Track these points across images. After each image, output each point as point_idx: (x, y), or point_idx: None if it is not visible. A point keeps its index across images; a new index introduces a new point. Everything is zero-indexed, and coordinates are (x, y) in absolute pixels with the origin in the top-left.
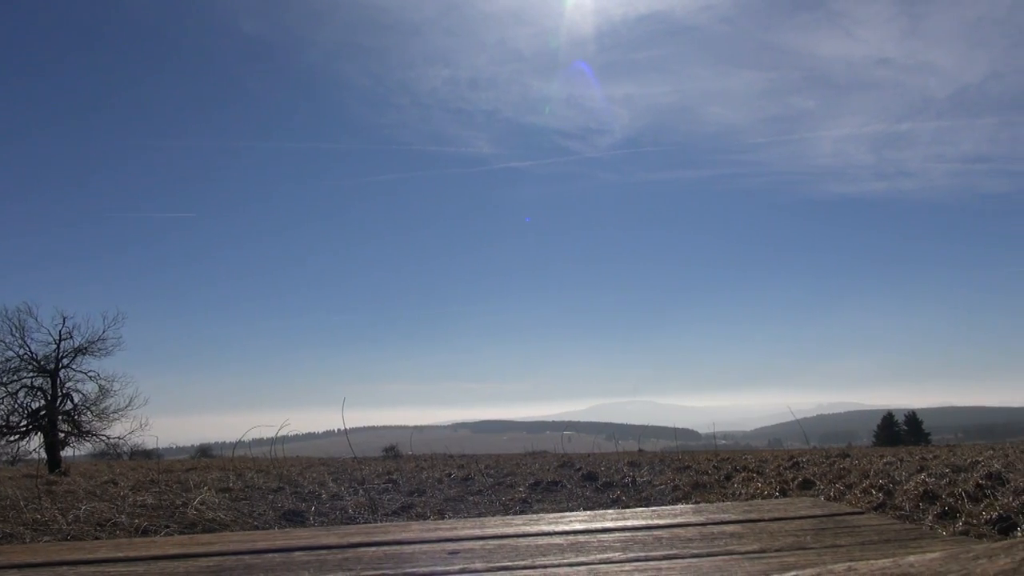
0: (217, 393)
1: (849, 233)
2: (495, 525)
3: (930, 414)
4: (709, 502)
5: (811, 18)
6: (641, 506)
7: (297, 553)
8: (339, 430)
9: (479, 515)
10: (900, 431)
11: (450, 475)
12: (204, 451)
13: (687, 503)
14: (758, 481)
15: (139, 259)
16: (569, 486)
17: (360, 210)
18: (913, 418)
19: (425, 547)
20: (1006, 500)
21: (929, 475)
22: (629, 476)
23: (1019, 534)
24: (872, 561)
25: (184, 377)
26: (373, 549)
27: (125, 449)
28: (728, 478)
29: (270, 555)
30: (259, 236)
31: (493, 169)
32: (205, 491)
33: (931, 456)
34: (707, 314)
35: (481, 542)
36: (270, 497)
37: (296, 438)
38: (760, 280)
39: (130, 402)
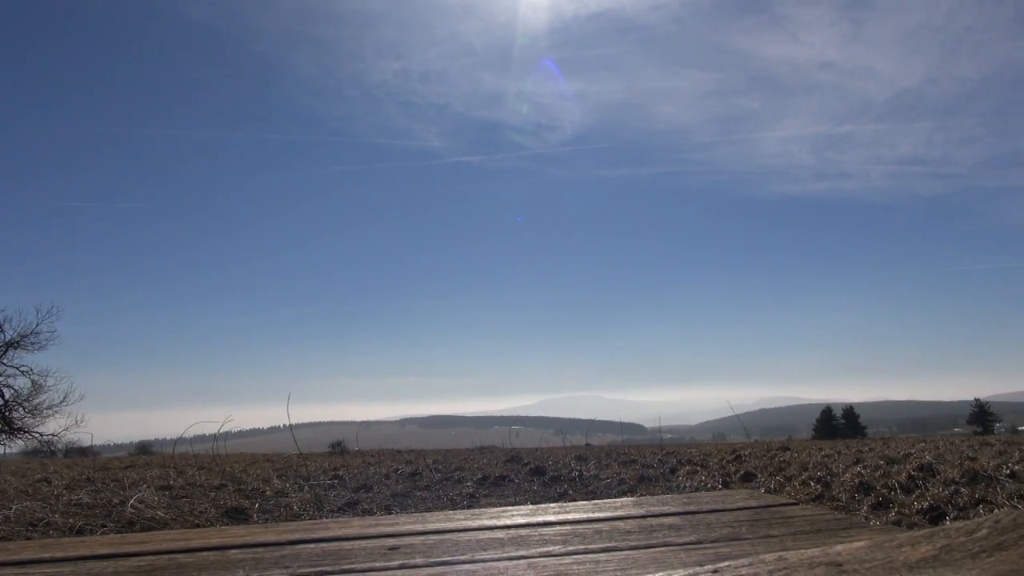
0: (157, 389)
1: (791, 232)
2: (437, 520)
3: (866, 408)
4: (654, 495)
5: (757, 21)
6: (588, 499)
7: (233, 551)
8: (284, 426)
9: (427, 510)
10: (838, 424)
11: (398, 470)
12: (143, 448)
13: (633, 496)
14: (702, 474)
15: (77, 250)
16: (517, 480)
17: (308, 203)
18: (850, 412)
19: (365, 543)
20: (936, 491)
21: (864, 467)
22: (576, 470)
23: (948, 523)
24: (802, 550)
25: (122, 372)
26: (312, 546)
27: (59, 446)
28: (673, 471)
29: (204, 553)
30: (203, 228)
31: (444, 163)
32: (144, 489)
33: (867, 449)
34: (654, 311)
35: (422, 537)
36: (212, 494)
37: (240, 434)
38: (705, 278)
39: (65, 398)
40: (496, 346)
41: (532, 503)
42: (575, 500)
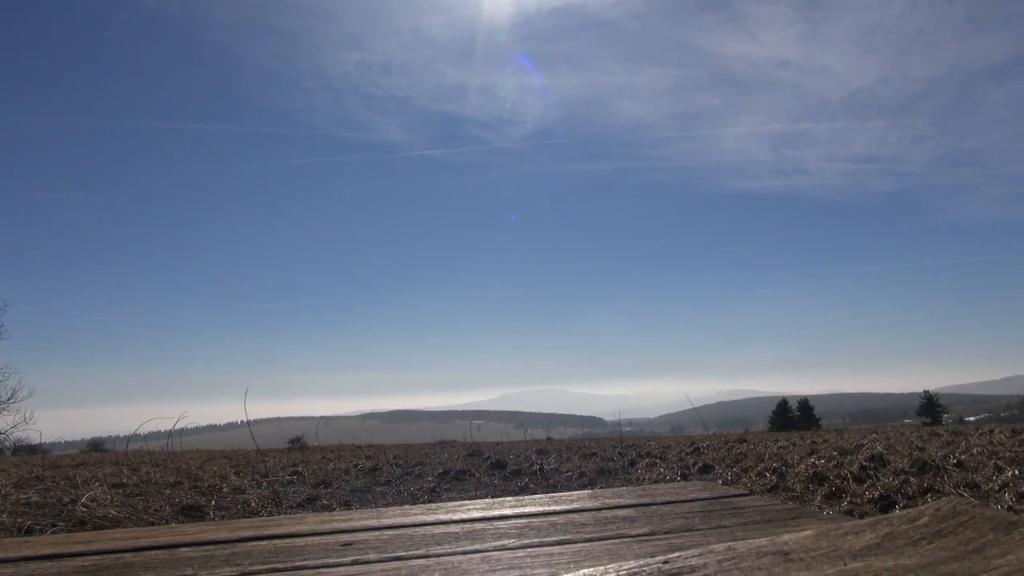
0: (110, 384)
1: (749, 228)
2: (393, 515)
3: (821, 400)
4: (613, 487)
5: (717, 19)
6: (549, 493)
7: (183, 550)
8: (242, 422)
9: (387, 506)
10: (793, 416)
11: (358, 466)
12: (95, 445)
13: (593, 489)
14: (661, 466)
15: (27, 243)
16: (478, 475)
17: (266, 196)
18: (805, 404)
19: (318, 539)
20: (887, 480)
21: (818, 458)
22: (537, 464)
23: (897, 512)
24: (751, 540)
25: (74, 368)
26: (264, 543)
27: (7, 444)
28: (632, 464)
29: (153, 552)
30: (158, 220)
31: (405, 156)
32: (96, 487)
33: (821, 440)
34: (614, 305)
35: (377, 532)
36: (167, 492)
37: (196, 431)
38: (664, 273)
39: (12, 394)
40: (457, 340)
41: (493, 497)
42: (536, 494)
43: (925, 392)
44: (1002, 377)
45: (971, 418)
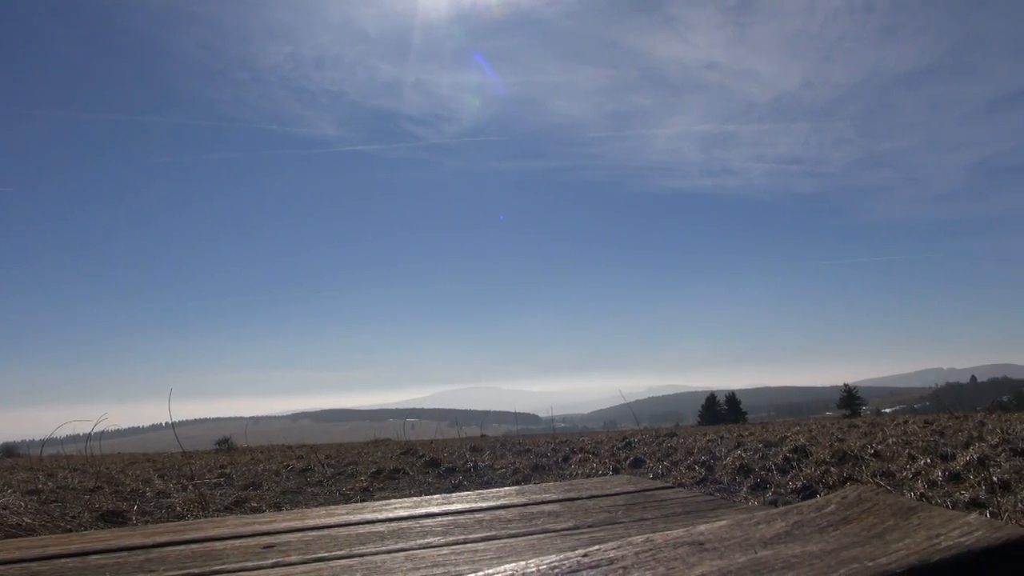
0: (23, 386)
1: (680, 227)
2: (317, 516)
3: (748, 395)
4: (547, 483)
5: (648, 20)
6: (483, 490)
7: (94, 557)
8: (166, 423)
9: (319, 506)
10: (721, 411)
11: (288, 466)
12: (8, 450)
13: (527, 485)
14: (594, 461)
15: None
16: (412, 473)
17: (191, 189)
18: (733, 399)
19: (239, 542)
20: (809, 471)
21: (745, 450)
22: (471, 461)
23: (807, 500)
24: (668, 531)
25: None
26: (181, 548)
27: None
28: (566, 460)
29: (62, 561)
30: (76, 214)
31: (338, 152)
32: (9, 494)
33: (747, 433)
34: (548, 303)
35: (300, 534)
36: (86, 498)
37: (117, 433)
38: (598, 270)
39: None
40: (391, 338)
41: (426, 495)
42: (470, 491)
43: (845, 385)
44: (916, 371)
45: (887, 410)
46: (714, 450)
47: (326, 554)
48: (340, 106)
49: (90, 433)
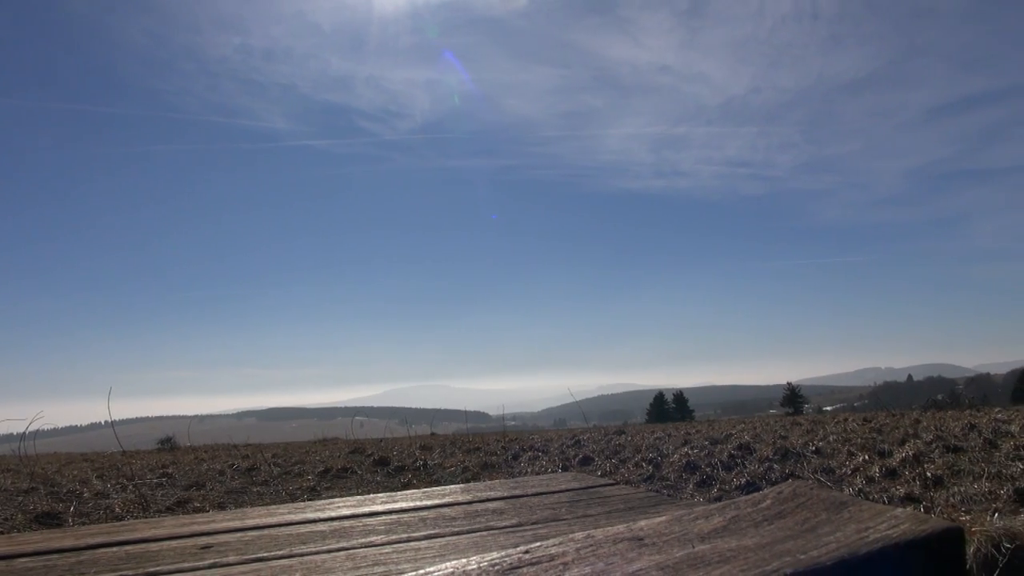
0: None
1: (630, 227)
2: (258, 515)
3: (695, 393)
4: (492, 481)
5: (601, 21)
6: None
7: (22, 560)
8: (105, 422)
9: (264, 506)
10: (669, 409)
11: (234, 466)
12: None
13: (473, 483)
14: (543, 459)
15: None
16: (360, 472)
17: (134, 180)
18: (680, 397)
19: (175, 543)
20: (753, 467)
21: (691, 448)
22: (421, 460)
23: (745, 496)
24: (609, 527)
25: None
26: (114, 549)
27: None
28: (516, 458)
29: None
30: (5, 204)
31: (288, 146)
32: None
33: (694, 431)
34: (498, 301)
35: (239, 534)
36: (19, 499)
37: (54, 432)
38: (548, 269)
39: None
40: (339, 336)
41: (375, 494)
42: (419, 489)
43: (788, 384)
44: (856, 369)
45: (828, 408)
46: (661, 448)
47: (266, 554)
48: (291, 99)
49: (24, 432)
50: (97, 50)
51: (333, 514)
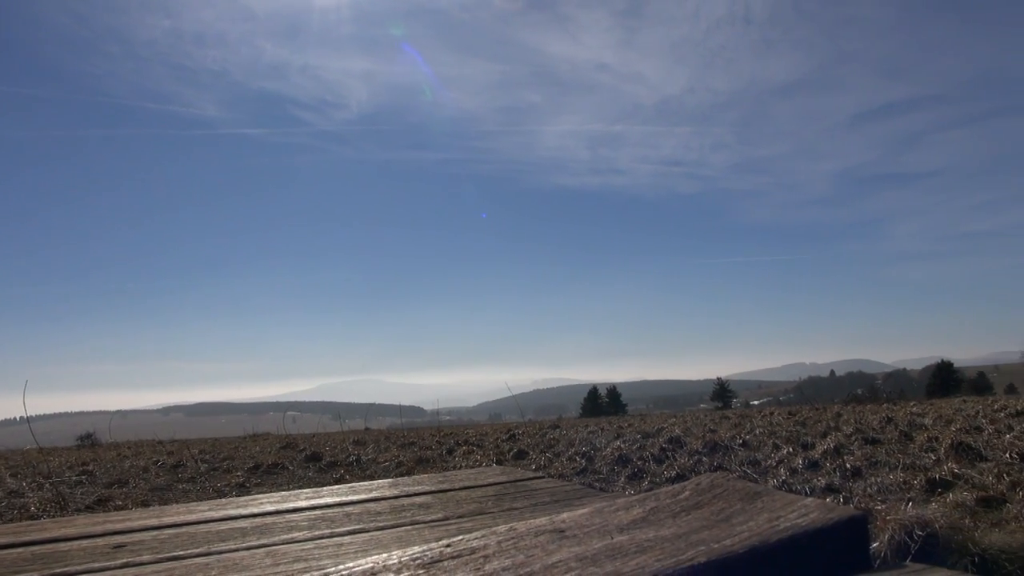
0: None
1: (567, 222)
2: (176, 513)
3: (628, 387)
4: (420, 475)
5: (542, 18)
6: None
7: None
8: (21, 418)
9: (183, 503)
10: (603, 403)
11: (158, 462)
12: None
13: (401, 477)
14: (478, 454)
15: None
16: (291, 468)
17: (54, 166)
18: (614, 391)
19: (86, 543)
20: (683, 460)
21: (624, 441)
22: (354, 455)
23: (665, 487)
24: (531, 520)
25: None
26: (20, 550)
27: None
28: (450, 452)
29: None
30: None
31: (219, 134)
32: None
33: (626, 425)
34: (434, 295)
35: (155, 532)
36: None
37: None
38: (484, 264)
39: None
40: (270, 329)
41: (300, 490)
42: (345, 484)
43: (718, 379)
44: (782, 365)
45: (756, 402)
46: (595, 441)
47: (181, 552)
48: (223, 86)
49: None
50: (15, 30)
51: (255, 510)
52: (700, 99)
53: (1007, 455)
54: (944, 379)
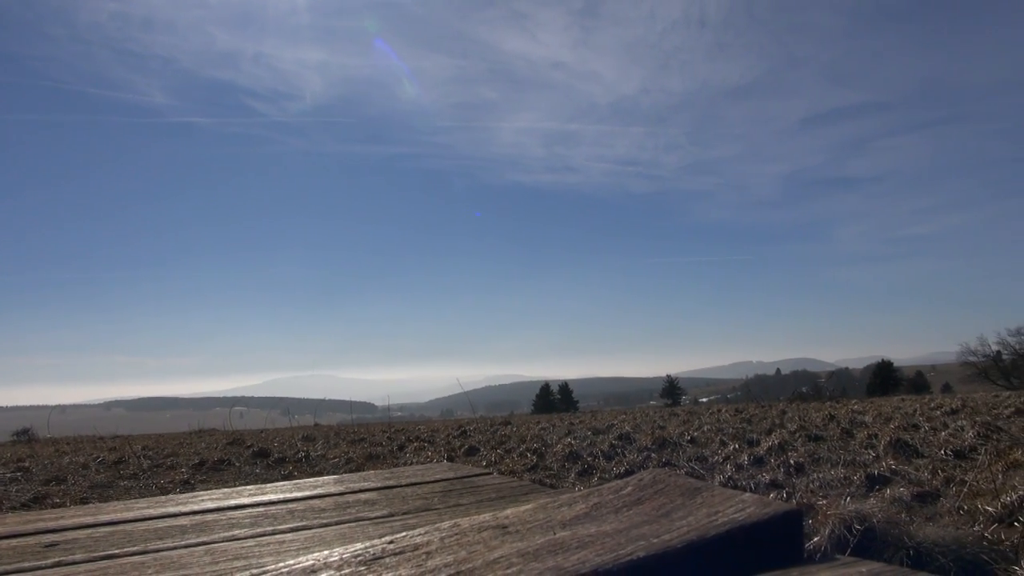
0: None
1: (521, 219)
2: (113, 511)
3: (579, 384)
4: (367, 471)
5: (499, 14)
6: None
7: None
8: None
9: (128, 500)
10: (555, 399)
11: (99, 459)
12: None
13: (347, 474)
14: (429, 450)
15: None
16: (238, 464)
17: None
18: (565, 388)
19: (16, 542)
20: (632, 456)
21: (574, 438)
22: (303, 451)
23: (608, 483)
24: (475, 516)
25: None
26: None
27: None
28: (401, 448)
29: None
30: None
31: (168, 122)
32: None
33: (577, 421)
34: (387, 291)
35: (90, 530)
36: None
37: None
38: (437, 260)
39: None
40: (218, 323)
41: (243, 487)
42: (290, 481)
43: (668, 376)
44: (730, 363)
45: (704, 399)
46: (546, 438)
47: (117, 551)
48: (171, 73)
49: None
50: None
51: (196, 508)
52: (654, 100)
53: (942, 452)
54: (884, 378)
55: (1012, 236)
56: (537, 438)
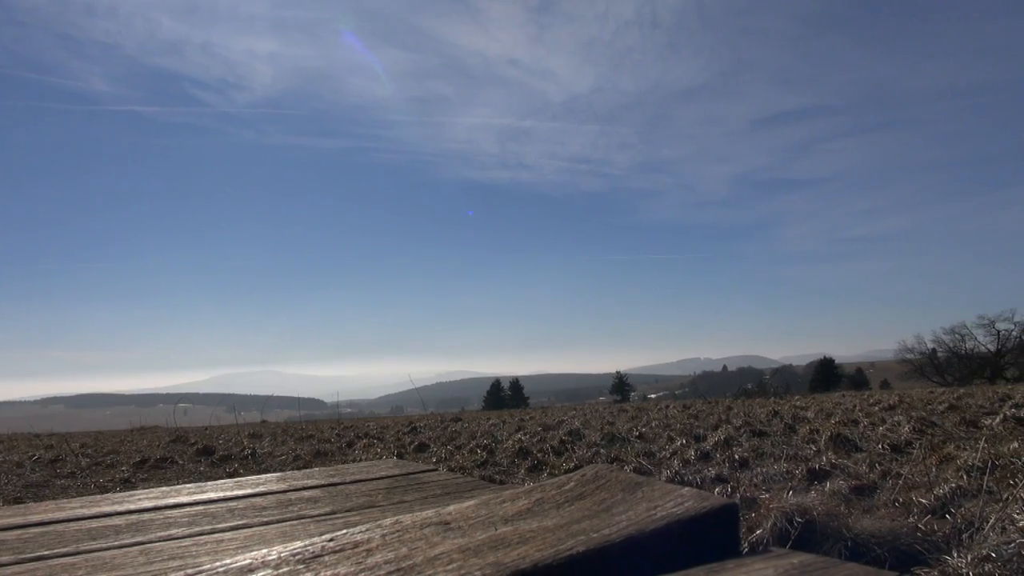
0: None
1: (473, 216)
2: (44, 510)
3: (530, 381)
4: (311, 468)
5: (454, 8)
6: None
7: None
8: None
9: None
10: (505, 396)
11: (34, 457)
12: None
13: (291, 471)
14: (378, 447)
15: None
16: (181, 462)
17: None
18: (516, 384)
19: None
20: (582, 452)
21: (525, 434)
22: (249, 448)
23: (551, 479)
24: (417, 512)
25: None
26: None
27: None
28: (350, 445)
29: None
30: None
31: (108, 110)
32: None
33: (528, 417)
34: (334, 285)
35: (19, 531)
36: None
37: None
38: (388, 255)
39: None
40: (160, 317)
41: (181, 485)
42: (231, 479)
43: (617, 373)
44: (678, 360)
45: (653, 395)
46: (496, 434)
47: (47, 552)
48: (113, 60)
49: None
50: None
51: (132, 507)
52: (607, 99)
53: (879, 446)
54: (826, 375)
55: (950, 238)
56: (487, 434)
